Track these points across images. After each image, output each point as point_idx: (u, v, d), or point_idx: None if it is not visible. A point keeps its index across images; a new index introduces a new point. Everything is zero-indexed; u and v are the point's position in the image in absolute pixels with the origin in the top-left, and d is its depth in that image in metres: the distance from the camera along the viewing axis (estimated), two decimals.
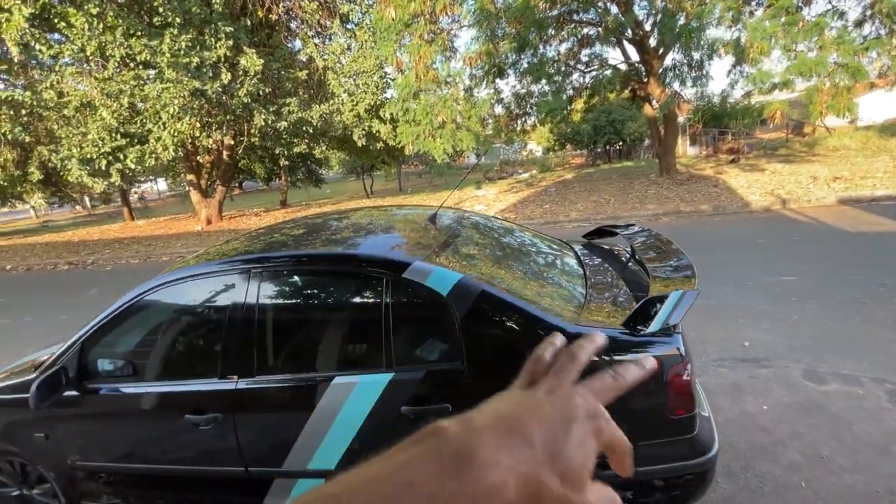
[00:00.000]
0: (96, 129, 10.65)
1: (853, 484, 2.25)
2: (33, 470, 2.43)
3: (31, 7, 8.83)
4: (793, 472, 2.36)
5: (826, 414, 2.75)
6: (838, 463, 2.38)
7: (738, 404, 2.93)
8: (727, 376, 3.24)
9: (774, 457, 2.48)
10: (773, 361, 3.36)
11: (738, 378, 3.21)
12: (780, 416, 2.78)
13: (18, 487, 2.50)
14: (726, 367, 3.36)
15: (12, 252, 15.54)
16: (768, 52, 8.47)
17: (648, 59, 11.43)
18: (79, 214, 35.85)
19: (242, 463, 2.04)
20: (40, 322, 6.62)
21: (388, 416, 1.82)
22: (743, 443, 2.60)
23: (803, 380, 3.10)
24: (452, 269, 1.89)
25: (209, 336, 2.18)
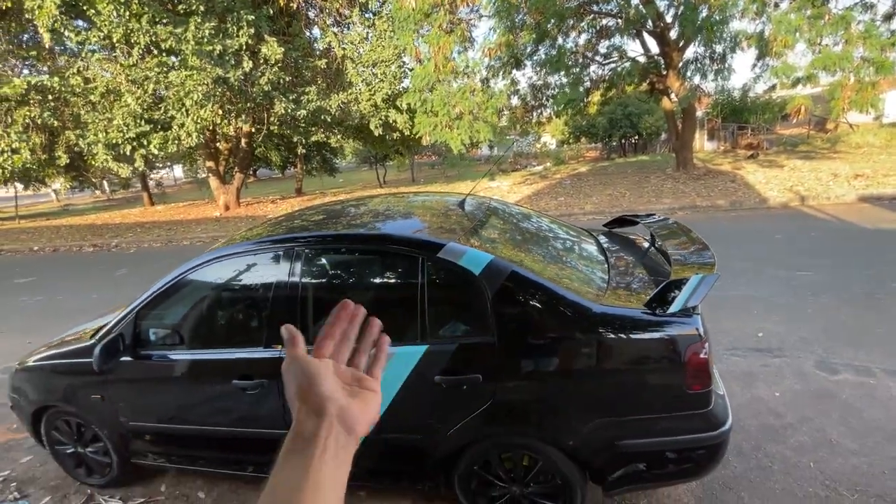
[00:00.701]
0: (121, 115, 10.91)
1: (859, 465, 2.35)
2: (88, 429, 2.63)
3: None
4: (801, 454, 2.47)
5: (836, 401, 2.84)
6: (846, 446, 2.48)
7: (750, 390, 3.03)
8: (740, 364, 3.34)
9: (784, 439, 2.58)
10: (785, 351, 3.44)
11: (750, 366, 3.30)
12: (791, 402, 2.88)
13: (74, 445, 2.72)
14: (739, 355, 3.46)
15: (38, 234, 16.03)
16: (792, 46, 8.36)
17: (668, 51, 11.32)
18: (98, 199, 36.57)
19: (284, 426, 2.20)
20: (73, 299, 6.92)
21: (423, 385, 1.96)
22: (754, 425, 2.71)
23: (815, 369, 3.19)
24: (483, 250, 2.02)
25: (255, 308, 2.34)
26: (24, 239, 15.08)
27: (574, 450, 1.92)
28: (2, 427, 3.57)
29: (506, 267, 1.94)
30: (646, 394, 1.88)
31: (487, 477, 2.08)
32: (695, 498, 2.28)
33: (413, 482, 2.22)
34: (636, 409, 1.88)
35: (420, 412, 2.03)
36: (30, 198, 35.31)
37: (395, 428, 2.06)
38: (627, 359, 1.89)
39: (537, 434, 1.95)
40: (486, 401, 1.92)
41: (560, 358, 1.89)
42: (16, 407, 2.86)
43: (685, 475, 2.01)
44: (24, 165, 11.71)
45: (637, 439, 1.88)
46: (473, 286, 1.93)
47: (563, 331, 1.88)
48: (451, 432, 1.99)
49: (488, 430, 1.98)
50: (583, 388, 1.89)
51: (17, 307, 6.85)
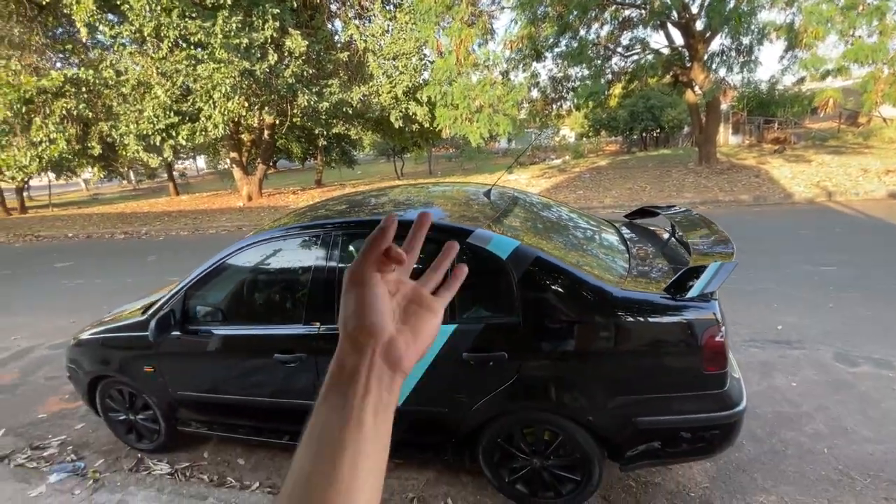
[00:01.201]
0: (152, 107, 11.28)
1: (874, 452, 2.41)
2: (139, 398, 2.85)
3: None
4: (816, 440, 2.53)
5: (854, 392, 2.89)
6: (861, 434, 2.54)
7: (766, 380, 3.09)
8: (757, 355, 3.39)
9: (799, 426, 2.65)
10: (805, 344, 3.48)
11: (768, 357, 3.36)
12: (807, 391, 2.94)
13: (125, 413, 2.95)
14: (757, 346, 3.51)
15: (71, 221, 16.69)
16: (823, 37, 8.16)
17: (694, 42, 11.13)
18: (125, 188, 37.71)
19: None
20: (109, 283, 7.27)
21: (451, 361, 2.10)
22: (770, 413, 2.78)
23: (834, 361, 3.22)
24: (509, 237, 2.13)
25: (294, 288, 2.51)
26: (58, 226, 15.73)
27: (593, 425, 2.03)
28: (55, 398, 3.86)
29: (531, 252, 2.06)
30: (663, 374, 1.98)
31: (510, 450, 2.21)
32: (709, 478, 2.37)
33: (438, 454, 2.36)
34: (654, 388, 1.98)
35: (448, 387, 2.17)
36: (61, 187, 36.60)
37: (424, 401, 2.21)
38: (646, 341, 1.99)
39: (558, 410, 2.07)
40: (511, 377, 2.05)
41: (581, 339, 2.00)
42: (73, 377, 3.10)
43: (699, 453, 2.10)
44: (61, 155, 12.20)
45: (654, 416, 1.99)
46: (500, 270, 2.05)
47: (585, 313, 1.98)
48: (476, 406, 2.13)
49: (512, 405, 2.11)
50: (603, 367, 2.00)
51: (59, 289, 7.24)
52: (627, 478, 2.41)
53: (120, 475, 2.71)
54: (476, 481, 2.47)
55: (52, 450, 3.14)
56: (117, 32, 10.88)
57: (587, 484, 2.15)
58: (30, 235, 14.20)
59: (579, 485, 2.16)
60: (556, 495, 2.22)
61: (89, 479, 2.70)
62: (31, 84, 10.66)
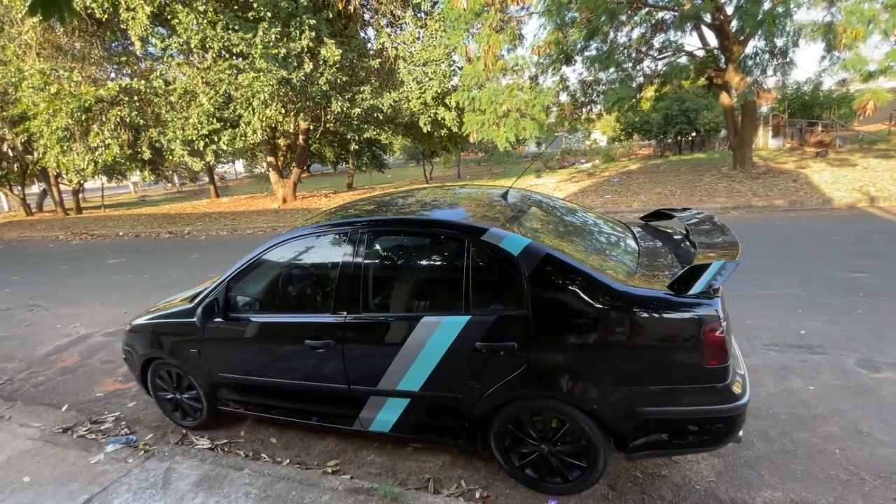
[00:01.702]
0: (197, 114, 11.98)
1: (888, 455, 2.41)
2: (185, 379, 3.15)
3: (151, 6, 10.11)
4: (828, 442, 2.55)
5: (874, 397, 2.87)
6: (876, 438, 2.53)
7: (783, 383, 3.10)
8: (776, 359, 3.39)
9: (813, 428, 2.67)
10: (827, 349, 3.44)
11: (787, 361, 3.35)
12: (824, 395, 2.93)
13: (173, 392, 3.25)
14: (777, 350, 3.50)
15: (121, 221, 17.82)
16: (865, 38, 7.86)
17: (728, 44, 10.88)
18: (169, 191, 39.79)
19: (346, 381, 2.59)
20: (157, 278, 7.82)
21: (465, 350, 2.27)
22: (783, 414, 2.80)
23: (856, 367, 3.19)
24: (522, 235, 2.28)
25: (324, 281, 2.74)
26: (110, 225, 16.85)
27: (598, 414, 2.15)
28: (110, 379, 4.25)
29: (541, 249, 2.20)
30: (665, 367, 2.08)
31: (520, 435, 2.35)
32: (715, 473, 2.44)
33: (453, 438, 2.52)
34: (656, 380, 2.08)
35: (462, 374, 2.33)
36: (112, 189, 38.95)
37: (440, 387, 2.38)
38: (649, 334, 2.09)
39: (565, 398, 2.19)
40: (520, 366, 2.20)
41: (587, 331, 2.12)
42: (128, 359, 3.44)
43: (701, 445, 2.18)
44: (114, 159, 13.11)
45: (656, 407, 2.09)
46: (512, 266, 2.20)
47: (591, 307, 2.11)
48: (488, 393, 2.28)
49: (521, 392, 2.25)
50: (607, 358, 2.12)
51: (111, 284, 7.84)
52: (634, 468, 2.51)
53: (167, 447, 3.00)
54: (488, 466, 2.61)
55: (108, 424, 3.49)
56: (167, 45, 11.63)
57: (592, 470, 2.26)
58: (85, 234, 15.29)
59: (585, 471, 2.28)
60: (563, 481, 2.34)
61: (140, 450, 3.01)
62: (91, 94, 11.53)
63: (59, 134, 11.97)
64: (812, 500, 2.20)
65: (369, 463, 2.79)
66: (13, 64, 12.22)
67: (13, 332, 5.69)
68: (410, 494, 2.32)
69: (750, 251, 6.02)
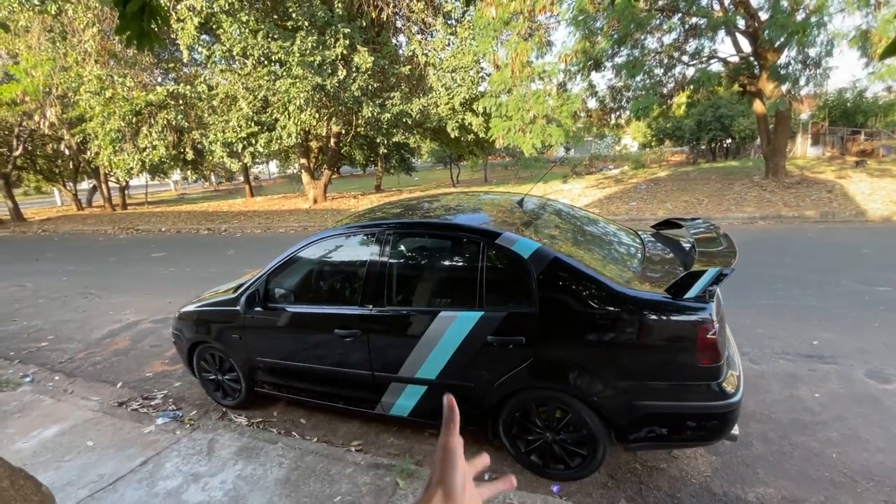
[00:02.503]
0: (236, 118, 12.67)
1: (884, 461, 2.49)
2: (227, 361, 3.50)
3: (199, 17, 10.81)
4: (827, 446, 2.64)
5: (879, 406, 2.93)
6: (875, 444, 2.61)
7: (789, 390, 3.19)
8: (785, 367, 3.47)
9: (813, 433, 2.76)
10: (837, 360, 3.49)
11: (796, 369, 3.42)
12: (829, 402, 3.01)
13: (215, 374, 3.61)
14: (787, 359, 3.57)
15: (164, 218, 18.83)
16: None
17: (762, 52, 10.72)
18: (207, 189, 41.55)
19: (370, 368, 2.86)
20: (197, 271, 8.36)
21: (477, 342, 2.50)
22: (786, 419, 2.90)
23: (864, 377, 3.24)
24: (533, 240, 2.50)
25: (353, 276, 3.02)
26: (153, 221, 17.85)
27: (598, 405, 2.34)
28: (158, 361, 4.68)
29: (550, 253, 2.41)
30: (662, 364, 2.25)
31: (526, 424, 2.56)
32: (712, 469, 2.58)
33: (466, 424, 2.75)
34: (653, 375, 2.25)
35: (474, 364, 2.56)
36: (154, 186, 41.00)
37: (455, 376, 2.62)
38: (647, 333, 2.27)
39: (568, 389, 2.39)
40: (528, 359, 2.41)
41: (590, 328, 2.32)
42: (177, 343, 3.82)
43: (695, 440, 2.33)
44: (160, 159, 13.97)
45: (652, 401, 2.26)
46: (522, 267, 2.42)
47: (594, 307, 2.30)
48: (498, 383, 2.50)
49: (528, 383, 2.46)
50: (608, 354, 2.30)
51: (157, 276, 8.43)
52: (634, 461, 2.67)
53: (210, 422, 3.35)
54: (497, 453, 2.82)
55: (157, 400, 3.88)
56: (211, 52, 12.37)
57: (593, 459, 2.45)
58: (131, 229, 16.29)
59: (586, 459, 2.47)
60: (565, 467, 2.54)
61: (186, 424, 3.37)
62: (141, 98, 12.37)
63: (112, 135, 12.88)
64: (803, 497, 2.32)
65: (389, 445, 3.05)
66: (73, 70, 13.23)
67: (72, 317, 6.26)
68: (424, 471, 2.56)
69: (772, 261, 6.01)
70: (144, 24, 1.84)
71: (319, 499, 2.39)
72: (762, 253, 6.49)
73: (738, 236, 7.40)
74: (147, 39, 1.90)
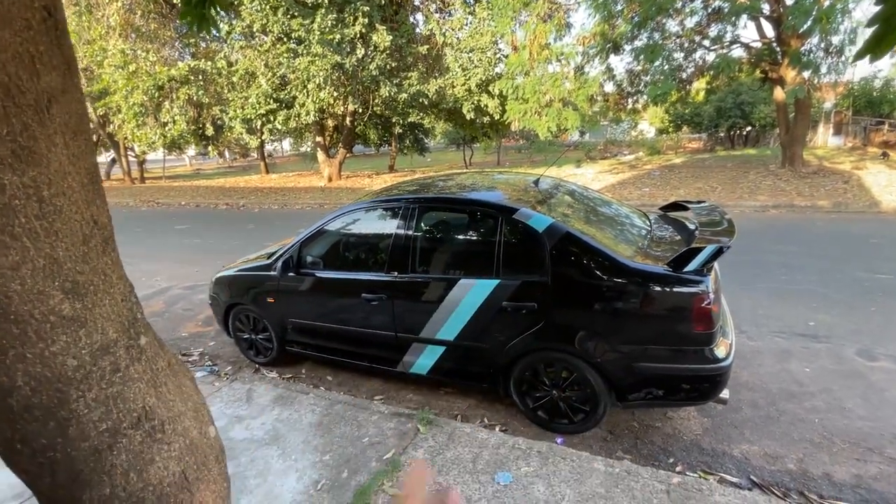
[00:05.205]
0: (256, 95, 12.86)
1: (862, 427, 2.72)
2: (260, 322, 3.81)
3: None
4: (811, 413, 2.88)
5: (864, 381, 3.15)
6: (856, 413, 2.85)
7: (781, 364, 3.41)
8: (780, 344, 3.68)
9: (799, 401, 3.00)
10: (831, 339, 3.70)
11: (791, 346, 3.64)
12: (818, 376, 3.24)
13: (249, 333, 3.94)
14: (782, 337, 3.78)
15: (182, 192, 19.27)
16: None
17: (786, 38, 10.57)
18: (221, 165, 42.01)
19: (394, 330, 3.15)
20: (220, 243, 8.72)
21: (493, 308, 2.76)
22: (776, 389, 3.14)
23: (854, 355, 3.45)
24: (547, 215, 2.73)
25: (379, 245, 3.29)
26: (172, 195, 18.28)
27: (601, 366, 2.60)
28: (192, 323, 5.04)
29: (562, 228, 2.64)
30: (660, 330, 2.49)
31: (535, 382, 2.84)
32: (703, 429, 2.84)
33: (479, 381, 3.04)
34: (652, 340, 2.50)
35: (490, 328, 2.83)
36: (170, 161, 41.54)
37: (471, 338, 2.89)
38: (649, 303, 2.50)
39: (574, 352, 2.65)
40: (539, 323, 2.67)
41: (597, 297, 2.56)
42: (213, 305, 4.15)
43: (688, 400, 2.59)
44: (181, 134, 14.28)
45: (650, 364, 2.51)
46: (536, 240, 2.66)
47: (601, 277, 2.54)
48: (511, 344, 2.77)
49: (538, 345, 2.72)
50: (612, 320, 2.55)
51: (182, 245, 8.82)
52: (632, 419, 2.94)
53: (247, 375, 3.69)
54: (507, 410, 3.12)
55: (194, 357, 4.24)
56: (232, 28, 12.51)
57: (594, 415, 2.73)
58: (151, 202, 16.74)
59: (588, 415, 2.74)
60: (569, 422, 2.82)
61: (223, 377, 3.71)
62: (164, 73, 12.60)
63: (135, 109, 13.17)
64: (783, 454, 2.57)
65: (408, 400, 3.36)
66: (97, 44, 13.48)
67: None
68: (442, 419, 2.86)
69: (779, 249, 6.15)
70: (206, 11, 2.07)
71: (350, 439, 2.71)
72: (770, 240, 6.62)
73: (748, 224, 7.59)
74: (206, 24, 2.13)
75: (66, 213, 0.86)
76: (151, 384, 1.07)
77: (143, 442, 1.00)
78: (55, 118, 0.84)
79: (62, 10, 0.86)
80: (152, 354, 1.13)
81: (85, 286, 0.89)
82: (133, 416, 0.99)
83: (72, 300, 0.86)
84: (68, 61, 0.86)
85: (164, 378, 1.13)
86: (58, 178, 0.84)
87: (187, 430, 1.13)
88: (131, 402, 1.00)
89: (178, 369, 1.25)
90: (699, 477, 2.40)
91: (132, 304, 1.10)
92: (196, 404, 1.24)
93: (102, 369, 0.95)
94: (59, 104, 0.84)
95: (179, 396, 1.17)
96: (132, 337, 1.06)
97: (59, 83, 0.83)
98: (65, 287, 0.85)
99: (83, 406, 0.92)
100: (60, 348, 0.87)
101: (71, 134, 0.87)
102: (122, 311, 1.02)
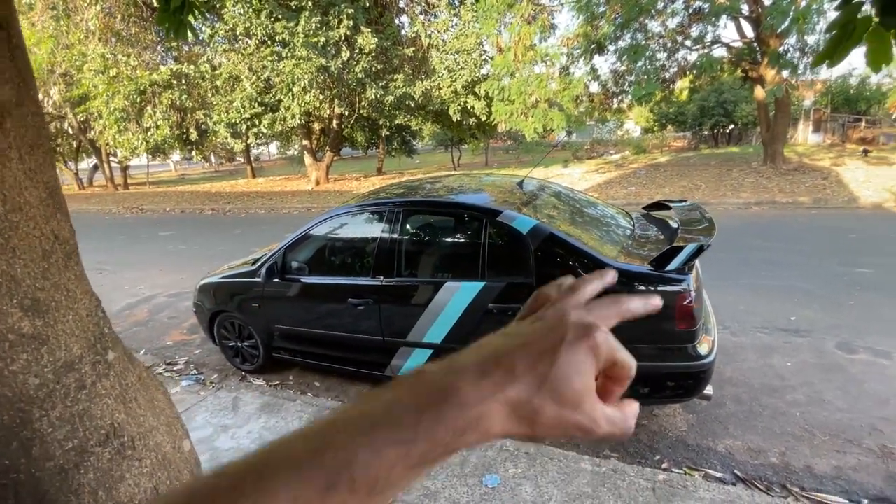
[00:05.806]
0: (240, 99, 12.73)
1: (842, 419, 2.78)
2: (245, 329, 3.77)
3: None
4: (792, 406, 2.93)
5: (843, 374, 3.21)
6: (836, 405, 2.90)
7: (764, 359, 3.47)
8: (763, 339, 3.74)
9: (781, 395, 3.05)
10: (812, 334, 3.77)
11: (772, 341, 3.70)
12: (799, 370, 3.29)
13: (234, 341, 3.89)
14: (764, 332, 3.84)
15: (167, 197, 18.99)
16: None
17: (764, 37, 10.77)
18: (207, 170, 41.51)
19: (381, 334, 3.13)
20: (206, 249, 8.60)
21: (479, 310, 2.76)
22: (758, 384, 3.18)
23: (834, 349, 3.52)
24: (531, 217, 2.74)
25: (365, 249, 3.27)
26: (157, 201, 18.02)
27: None
28: (177, 331, 4.96)
29: (546, 229, 2.65)
30: (644, 329, 2.50)
31: None
32: (688, 425, 2.87)
33: None
34: (636, 339, 2.50)
35: (477, 330, 2.81)
36: (154, 166, 40.94)
37: (458, 340, 2.88)
38: None
39: None
40: None
41: None
42: (198, 313, 4.09)
43: (673, 397, 2.61)
44: (164, 139, 14.08)
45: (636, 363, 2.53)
46: (521, 242, 2.67)
47: None
48: None
49: None
50: None
51: (166, 252, 8.69)
52: None
53: (233, 383, 3.64)
54: None
55: (179, 366, 4.17)
56: (215, 31, 12.37)
57: None
58: (135, 208, 16.47)
59: None
60: None
61: (209, 386, 3.65)
62: (146, 78, 12.42)
63: (116, 114, 12.96)
64: (766, 448, 2.61)
65: None
66: (76, 48, 13.24)
67: None
68: None
69: (761, 245, 6.26)
70: (184, 17, 2.04)
71: None
72: (752, 237, 6.73)
73: (731, 221, 7.70)
74: (184, 30, 2.10)
75: (23, 229, 0.84)
76: (120, 400, 1.05)
77: (112, 459, 0.98)
78: (9, 132, 0.81)
79: (17, 21, 0.83)
80: (121, 369, 1.11)
81: (46, 303, 0.86)
82: (101, 434, 0.97)
83: (32, 317, 0.84)
84: (23, 74, 0.84)
85: (134, 393, 1.11)
86: (13, 193, 0.82)
87: (160, 444, 1.11)
88: (99, 419, 0.97)
89: (150, 383, 1.22)
90: (684, 473, 2.43)
91: (98, 318, 1.07)
92: (169, 418, 1.22)
93: (67, 387, 0.93)
94: (13, 118, 0.82)
95: (151, 411, 1.14)
96: (99, 353, 1.03)
97: (12, 96, 0.81)
98: (24, 304, 0.82)
99: (47, 425, 0.90)
100: (21, 367, 0.85)
101: (27, 148, 0.85)
102: (87, 327, 1.00)
